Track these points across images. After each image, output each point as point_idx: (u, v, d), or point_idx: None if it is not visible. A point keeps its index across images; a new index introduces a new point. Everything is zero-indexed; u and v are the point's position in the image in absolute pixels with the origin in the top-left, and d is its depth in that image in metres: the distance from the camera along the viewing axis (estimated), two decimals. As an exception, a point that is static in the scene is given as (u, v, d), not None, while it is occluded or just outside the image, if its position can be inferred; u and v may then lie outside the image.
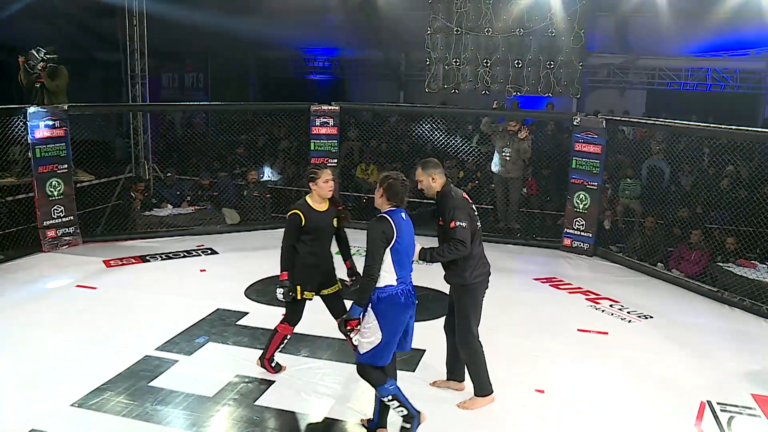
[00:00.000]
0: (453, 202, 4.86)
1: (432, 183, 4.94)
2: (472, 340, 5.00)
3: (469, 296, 4.99)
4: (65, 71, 9.25)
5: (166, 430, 4.68)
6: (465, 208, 4.88)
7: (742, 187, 9.60)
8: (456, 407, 5.07)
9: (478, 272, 4.97)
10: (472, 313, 5.00)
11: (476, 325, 5.03)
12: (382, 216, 4.42)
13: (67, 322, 6.52)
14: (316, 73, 17.84)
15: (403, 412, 4.50)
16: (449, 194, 4.93)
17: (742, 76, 14.05)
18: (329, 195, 5.24)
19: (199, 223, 10.20)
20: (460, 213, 4.80)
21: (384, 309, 4.36)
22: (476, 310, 5.05)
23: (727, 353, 6.35)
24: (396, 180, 4.48)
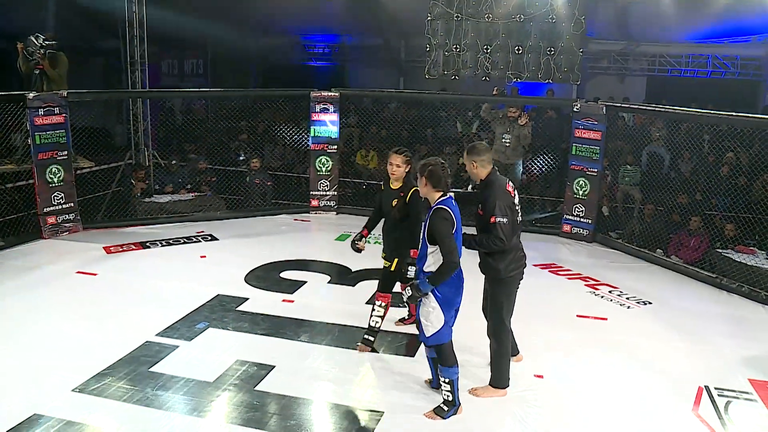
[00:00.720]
0: (495, 194, 4.77)
1: (474, 169, 4.90)
2: (502, 332, 5.03)
3: (503, 288, 4.99)
4: (65, 58, 9.23)
5: (166, 415, 4.70)
6: (506, 201, 4.80)
7: (742, 174, 9.60)
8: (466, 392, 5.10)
9: (514, 266, 4.94)
10: (504, 306, 5.01)
11: (509, 318, 5.06)
12: (440, 208, 4.50)
13: (68, 308, 6.55)
14: (316, 59, 17.80)
15: (449, 397, 4.77)
16: (493, 185, 4.85)
17: (742, 62, 14.02)
18: (392, 176, 5.63)
19: (199, 209, 10.21)
20: (501, 208, 4.73)
21: (446, 292, 4.58)
22: (509, 302, 5.05)
23: (725, 339, 6.38)
24: (436, 166, 4.56)
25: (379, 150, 12.14)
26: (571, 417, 4.91)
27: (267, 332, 6.11)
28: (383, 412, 4.82)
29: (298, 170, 11.69)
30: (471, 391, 5.10)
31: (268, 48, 18.03)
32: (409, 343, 5.92)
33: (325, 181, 10.46)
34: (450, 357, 4.71)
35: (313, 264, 8.15)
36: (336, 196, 10.56)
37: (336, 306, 6.79)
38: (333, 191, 10.52)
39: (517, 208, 4.95)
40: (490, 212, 4.73)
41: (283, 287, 7.28)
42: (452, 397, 4.76)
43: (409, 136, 12.20)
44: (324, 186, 10.47)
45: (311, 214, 10.46)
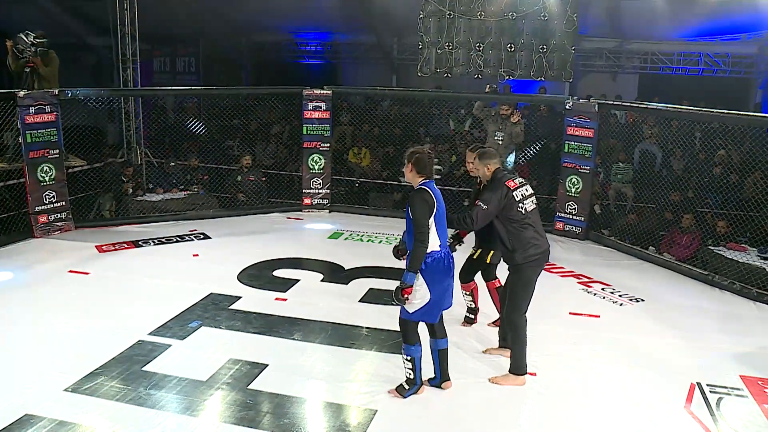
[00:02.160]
0: (492, 186, 5.13)
1: (487, 172, 5.22)
2: (518, 319, 5.20)
3: (520, 276, 5.16)
4: (55, 56, 9.19)
5: (159, 414, 4.69)
6: (501, 194, 5.06)
7: (733, 172, 9.64)
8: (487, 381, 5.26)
9: (530, 253, 5.11)
10: (521, 294, 5.19)
11: (525, 306, 5.22)
12: (421, 188, 4.75)
13: (60, 307, 6.52)
14: (309, 57, 17.75)
15: (410, 374, 4.95)
16: (494, 179, 5.18)
17: (734, 60, 14.06)
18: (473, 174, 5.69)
19: (191, 207, 10.19)
20: (490, 196, 5.06)
21: (432, 272, 4.72)
22: (526, 290, 5.22)
23: (716, 335, 6.41)
24: (422, 154, 4.83)
25: (372, 148, 12.13)
26: (564, 414, 4.92)
27: (260, 331, 6.11)
28: (377, 410, 4.82)
29: (291, 168, 11.67)
30: (492, 380, 5.25)
31: (260, 46, 17.99)
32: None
33: (317, 180, 10.44)
34: (413, 335, 4.89)
35: (305, 262, 8.14)
36: (329, 194, 10.55)
37: (329, 304, 6.78)
38: (326, 189, 10.51)
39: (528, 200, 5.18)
40: (481, 197, 5.10)
41: (276, 285, 7.27)
42: (413, 375, 4.94)
43: (402, 134, 12.19)
44: (317, 184, 10.46)
45: (304, 213, 10.44)
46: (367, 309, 6.69)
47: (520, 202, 5.11)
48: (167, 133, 12.46)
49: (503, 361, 5.42)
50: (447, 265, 4.82)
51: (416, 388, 5.00)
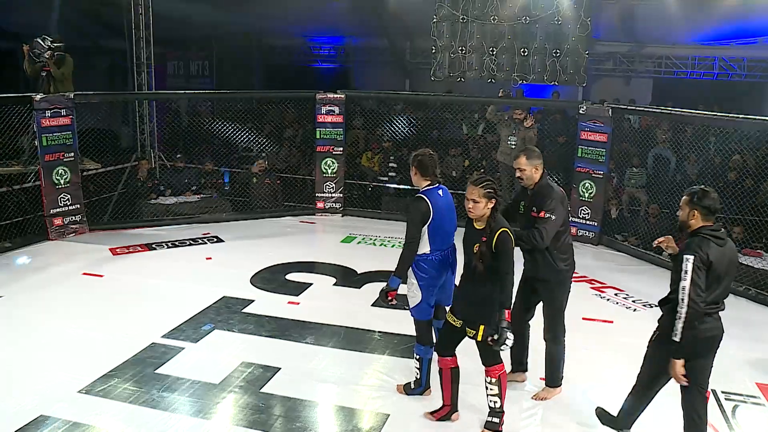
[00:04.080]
0: (554, 194, 4.83)
1: (534, 173, 4.89)
2: (563, 336, 5.10)
3: (564, 287, 5.01)
4: (71, 59, 9.25)
5: (172, 417, 4.71)
6: (564, 204, 4.89)
7: (749, 177, 9.57)
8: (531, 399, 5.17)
9: (569, 262, 5.02)
10: (563, 303, 5.06)
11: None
12: (419, 196, 4.67)
13: (74, 309, 6.57)
14: (322, 61, 17.79)
15: (417, 374, 5.01)
16: (550, 186, 4.91)
17: (749, 64, 13.94)
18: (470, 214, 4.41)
19: (204, 211, 10.23)
20: (558, 207, 4.78)
21: (420, 270, 4.75)
22: (567, 298, 5.10)
23: (732, 342, 6.27)
24: (424, 155, 4.76)
25: (384, 151, 12.14)
26: (577, 419, 4.89)
27: (272, 334, 6.12)
28: (389, 414, 4.82)
29: (304, 172, 11.70)
30: (535, 398, 5.16)
31: (273, 49, 18.05)
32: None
33: (330, 183, 10.46)
34: (425, 336, 4.92)
35: (318, 266, 8.16)
36: (341, 198, 10.56)
37: (342, 308, 6.79)
38: (338, 193, 10.52)
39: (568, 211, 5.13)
40: (545, 207, 4.76)
41: (289, 289, 7.28)
42: (420, 375, 4.99)
43: (415, 137, 12.19)
44: (329, 188, 10.47)
45: (317, 216, 10.46)
46: (379, 313, 6.67)
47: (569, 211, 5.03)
48: (181, 137, 12.52)
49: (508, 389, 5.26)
50: (438, 264, 4.74)
51: (421, 389, 5.02)
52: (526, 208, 4.92)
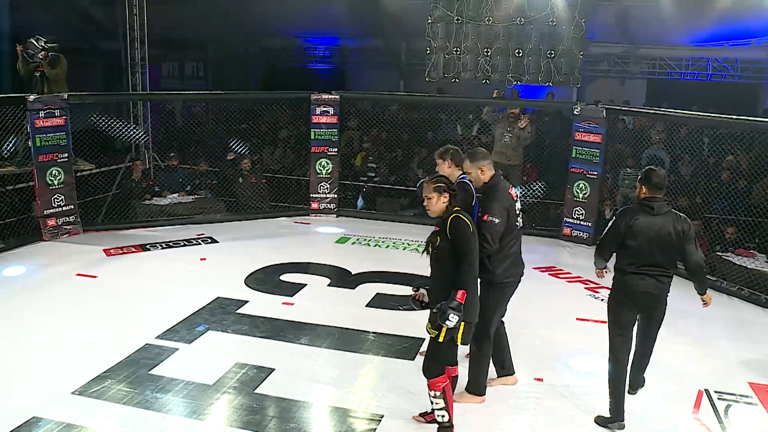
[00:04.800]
0: (496, 195, 4.74)
1: (480, 175, 4.83)
2: (485, 340, 4.91)
3: (494, 294, 4.82)
4: (64, 60, 9.23)
5: (166, 418, 4.70)
6: (506, 203, 4.74)
7: (742, 177, 9.60)
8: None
9: (511, 272, 4.85)
10: (493, 313, 4.87)
11: (494, 326, 4.96)
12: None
13: (68, 310, 6.56)
14: (317, 62, 17.79)
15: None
16: (496, 186, 4.81)
17: (743, 65, 13.98)
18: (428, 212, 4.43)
19: (199, 211, 10.22)
20: (496, 208, 4.67)
21: None
22: (500, 309, 4.96)
23: (725, 342, 6.38)
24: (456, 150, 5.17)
25: (379, 153, 12.14)
26: (572, 420, 4.90)
27: (267, 335, 6.12)
28: (383, 415, 4.82)
29: (298, 173, 11.69)
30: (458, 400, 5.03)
31: (268, 51, 18.04)
32: (410, 347, 5.91)
33: (325, 184, 10.46)
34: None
35: (313, 267, 8.15)
36: (336, 198, 10.56)
37: (336, 309, 6.78)
38: (333, 194, 10.52)
39: (517, 213, 4.90)
40: (486, 210, 4.67)
41: (283, 290, 7.28)
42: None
43: (410, 138, 12.20)
44: (324, 188, 10.47)
45: (311, 217, 10.46)
46: (374, 314, 6.69)
47: (517, 216, 4.87)
48: (175, 138, 12.50)
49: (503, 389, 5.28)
50: None
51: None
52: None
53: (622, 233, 4.67)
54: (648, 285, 4.71)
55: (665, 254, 4.70)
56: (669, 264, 4.76)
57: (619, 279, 4.80)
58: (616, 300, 4.86)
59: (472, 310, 4.31)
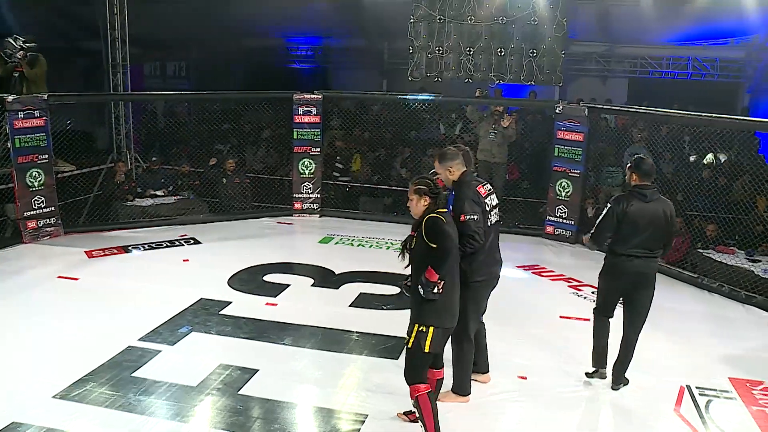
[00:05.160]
0: (463, 193, 4.70)
1: (449, 175, 4.78)
2: (465, 340, 4.89)
3: (470, 294, 4.72)
4: (44, 60, 9.14)
5: (149, 421, 4.67)
6: (474, 199, 4.69)
7: (722, 175, 9.70)
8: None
9: (484, 270, 4.80)
10: (471, 313, 4.80)
11: (474, 325, 4.94)
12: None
13: (49, 313, 6.49)
14: (299, 61, 17.74)
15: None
16: (462, 184, 4.76)
17: (722, 64, 14.13)
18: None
19: (181, 212, 10.16)
20: (467, 205, 4.62)
21: None
22: (477, 309, 4.91)
23: (706, 338, 6.44)
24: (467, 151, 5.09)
25: (362, 152, 12.13)
26: (555, 417, 4.93)
27: (250, 336, 6.09)
28: (367, 415, 4.82)
29: (281, 173, 11.66)
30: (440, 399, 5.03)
31: (251, 50, 17.95)
32: (394, 347, 5.91)
33: (308, 184, 10.44)
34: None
35: (296, 267, 8.14)
36: (319, 198, 10.54)
37: (319, 309, 6.77)
38: (316, 194, 10.50)
39: (493, 211, 4.86)
40: (459, 210, 4.61)
41: (267, 290, 7.26)
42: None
43: (393, 138, 12.20)
44: (307, 188, 10.45)
45: (294, 217, 10.44)
46: (357, 314, 6.69)
47: (489, 212, 4.80)
48: (157, 138, 12.42)
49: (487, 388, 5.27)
50: None
51: None
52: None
53: (618, 220, 5.02)
54: (637, 265, 5.09)
55: (656, 237, 5.08)
56: (657, 246, 5.13)
57: (610, 261, 5.21)
58: (605, 280, 5.32)
59: (442, 315, 4.24)
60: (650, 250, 5.09)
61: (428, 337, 4.20)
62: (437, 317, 4.20)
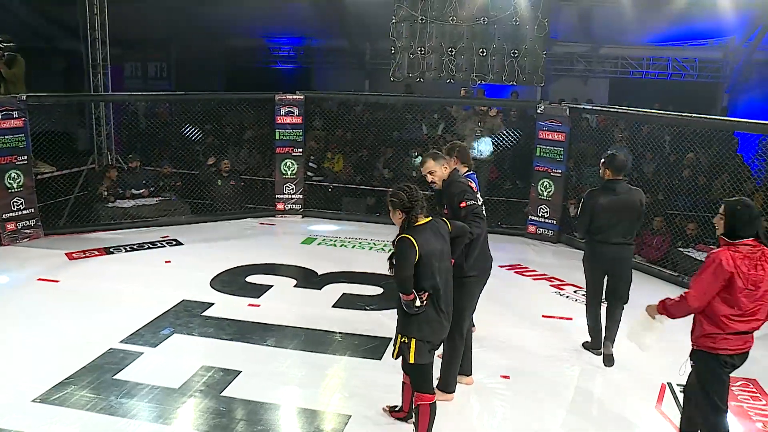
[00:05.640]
0: (461, 187, 4.86)
1: (445, 171, 4.92)
2: (458, 337, 4.91)
3: (465, 291, 4.82)
4: (22, 60, 9.06)
5: (131, 423, 4.64)
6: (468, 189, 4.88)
7: (702, 174, 9.78)
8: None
9: (478, 266, 4.89)
10: (466, 309, 4.89)
11: (468, 323, 4.98)
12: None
13: (29, 316, 6.42)
14: (281, 62, 17.70)
15: None
16: (455, 180, 4.91)
17: (701, 65, 14.27)
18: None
19: (163, 214, 10.09)
20: (465, 192, 4.80)
21: None
22: (471, 305, 4.97)
23: (686, 335, 6.44)
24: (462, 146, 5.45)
25: (345, 153, 12.12)
26: (538, 416, 4.95)
27: (233, 337, 6.07)
28: (350, 415, 4.82)
29: (263, 173, 11.62)
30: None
31: (233, 50, 17.89)
32: (377, 347, 5.91)
33: (290, 185, 10.42)
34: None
35: (278, 268, 8.12)
36: (301, 199, 10.52)
37: (302, 310, 6.76)
38: (298, 194, 10.48)
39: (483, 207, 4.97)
40: (458, 200, 4.74)
41: (249, 292, 7.23)
42: None
43: (375, 138, 12.20)
44: (289, 189, 10.43)
45: (277, 218, 10.41)
46: (340, 314, 6.68)
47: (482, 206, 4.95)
48: (138, 139, 12.33)
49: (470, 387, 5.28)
50: None
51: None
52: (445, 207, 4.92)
53: (591, 212, 5.52)
54: (612, 251, 5.61)
55: (628, 226, 5.59)
56: (630, 233, 5.65)
57: (589, 247, 5.77)
58: (588, 264, 5.85)
59: (423, 328, 4.18)
60: (624, 237, 5.59)
61: (411, 348, 4.17)
62: (418, 330, 4.17)
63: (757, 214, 3.94)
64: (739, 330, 3.94)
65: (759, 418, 5.01)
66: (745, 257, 3.87)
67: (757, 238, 3.91)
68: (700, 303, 3.97)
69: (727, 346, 3.96)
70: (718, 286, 3.89)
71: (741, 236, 3.91)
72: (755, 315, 3.92)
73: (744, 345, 3.99)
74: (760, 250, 3.90)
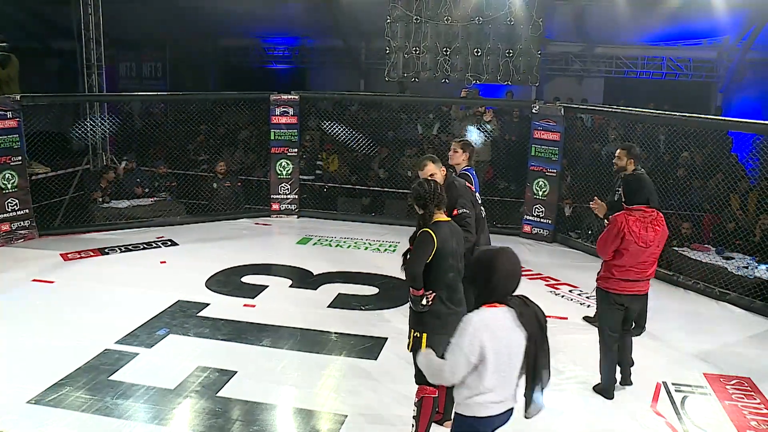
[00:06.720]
0: (457, 191, 4.88)
1: (442, 173, 4.96)
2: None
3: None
4: (16, 60, 9.04)
5: (127, 424, 4.63)
6: (468, 197, 4.93)
7: (696, 174, 9.82)
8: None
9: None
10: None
11: None
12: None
13: (24, 317, 6.41)
14: (277, 62, 17.69)
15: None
16: (453, 183, 4.95)
17: (695, 64, 14.32)
18: None
19: (158, 214, 10.08)
20: (463, 200, 4.85)
21: None
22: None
23: (681, 335, 6.52)
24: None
25: (340, 153, 12.13)
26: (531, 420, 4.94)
27: (228, 338, 6.07)
28: (347, 415, 4.82)
29: (259, 174, 11.62)
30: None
31: (228, 51, 17.90)
32: (372, 347, 5.92)
33: (285, 185, 10.41)
34: None
35: (274, 268, 8.12)
36: (297, 199, 10.52)
37: (298, 310, 6.76)
38: (294, 194, 10.48)
39: (479, 203, 5.03)
40: (452, 206, 4.75)
41: (245, 292, 7.23)
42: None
43: (370, 138, 12.21)
44: (285, 189, 10.43)
45: (272, 218, 10.40)
46: (336, 314, 6.68)
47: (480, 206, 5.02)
48: (134, 139, 12.31)
49: None
50: None
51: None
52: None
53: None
54: None
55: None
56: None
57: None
58: None
59: (432, 322, 4.22)
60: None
61: (423, 342, 4.20)
62: (428, 324, 4.22)
63: (646, 185, 5.06)
64: (630, 278, 4.96)
65: (753, 417, 5.03)
66: (638, 220, 4.85)
67: (648, 204, 4.86)
68: (603, 254, 5.01)
69: (617, 287, 4.98)
70: (616, 241, 4.84)
71: (634, 202, 4.87)
72: (645, 266, 4.96)
73: (632, 288, 5.01)
74: (651, 215, 4.88)
